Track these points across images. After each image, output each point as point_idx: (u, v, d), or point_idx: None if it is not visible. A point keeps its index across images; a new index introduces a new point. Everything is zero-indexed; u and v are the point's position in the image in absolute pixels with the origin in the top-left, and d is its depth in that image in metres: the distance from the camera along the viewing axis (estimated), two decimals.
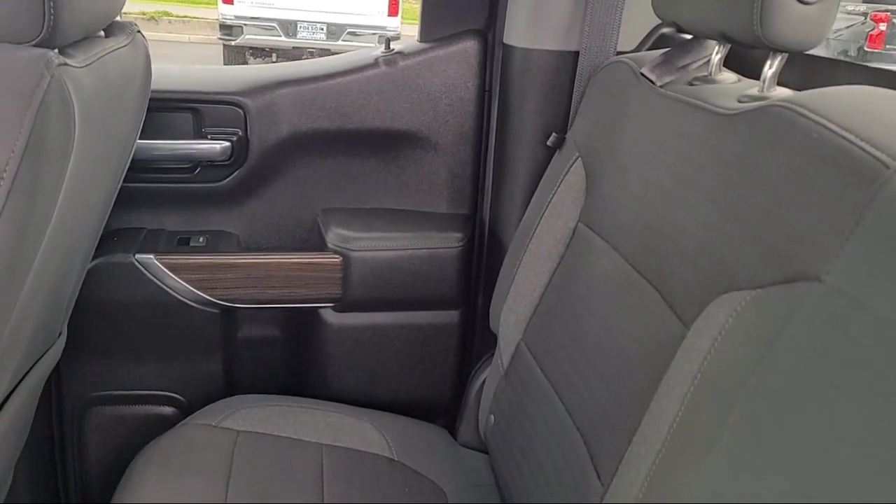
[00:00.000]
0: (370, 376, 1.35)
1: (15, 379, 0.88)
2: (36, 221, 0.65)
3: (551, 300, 1.10)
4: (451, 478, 1.18)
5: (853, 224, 0.58)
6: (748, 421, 0.62)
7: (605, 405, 0.87)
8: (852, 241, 0.57)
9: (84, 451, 1.33)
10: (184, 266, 1.24)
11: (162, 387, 1.31)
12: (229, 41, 7.60)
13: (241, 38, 7.54)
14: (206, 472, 1.05)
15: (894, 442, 0.49)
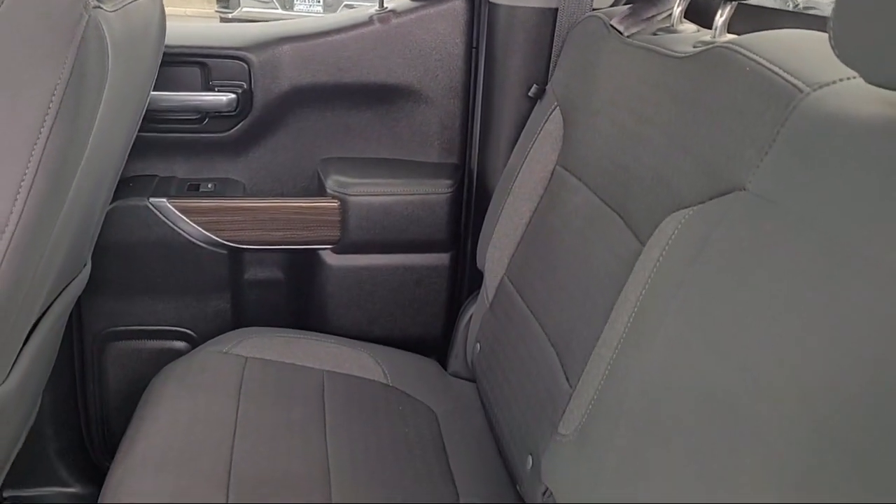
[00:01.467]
0: (367, 314, 1.46)
1: (48, 300, 0.99)
2: (76, 147, 0.76)
3: (531, 236, 1.21)
4: (441, 401, 1.29)
5: (771, 139, 0.68)
6: (685, 312, 0.73)
7: (574, 320, 0.98)
8: (770, 153, 0.68)
9: (103, 382, 1.44)
10: (194, 209, 1.34)
11: (174, 322, 1.42)
12: (226, 14, 7.62)
13: (237, 10, 7.56)
14: (218, 390, 1.16)
15: (806, 320, 0.59)
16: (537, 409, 1.01)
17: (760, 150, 0.69)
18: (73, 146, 0.74)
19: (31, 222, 0.72)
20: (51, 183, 0.72)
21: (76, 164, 0.77)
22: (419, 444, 1.16)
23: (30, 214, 0.70)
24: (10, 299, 0.75)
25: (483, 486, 1.09)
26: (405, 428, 1.19)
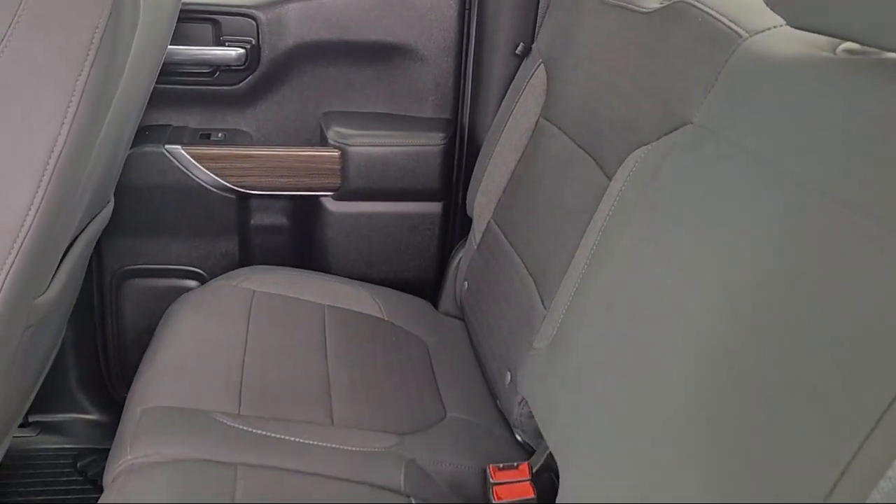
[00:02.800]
0: (364, 257, 1.57)
1: (80, 227, 1.10)
2: (112, 80, 0.86)
3: (515, 182, 1.32)
4: (432, 334, 1.41)
5: (714, 78, 0.79)
6: (638, 231, 0.85)
7: (550, 251, 1.10)
8: (713, 91, 0.79)
9: (120, 317, 1.56)
10: (205, 156, 1.45)
11: (186, 262, 1.54)
12: None
13: None
14: (229, 316, 1.28)
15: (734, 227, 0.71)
16: (516, 331, 1.13)
17: (705, 88, 0.81)
18: (110, 80, 0.85)
19: (75, 148, 0.82)
20: (91, 113, 0.83)
21: (111, 97, 0.88)
22: (410, 368, 1.28)
23: (74, 139, 0.81)
24: (54, 217, 0.86)
25: (467, 403, 1.22)
26: (398, 355, 1.31)
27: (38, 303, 0.94)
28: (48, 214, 0.84)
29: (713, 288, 0.69)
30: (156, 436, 0.96)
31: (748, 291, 0.64)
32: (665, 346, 0.73)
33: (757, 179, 0.68)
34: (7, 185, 0.81)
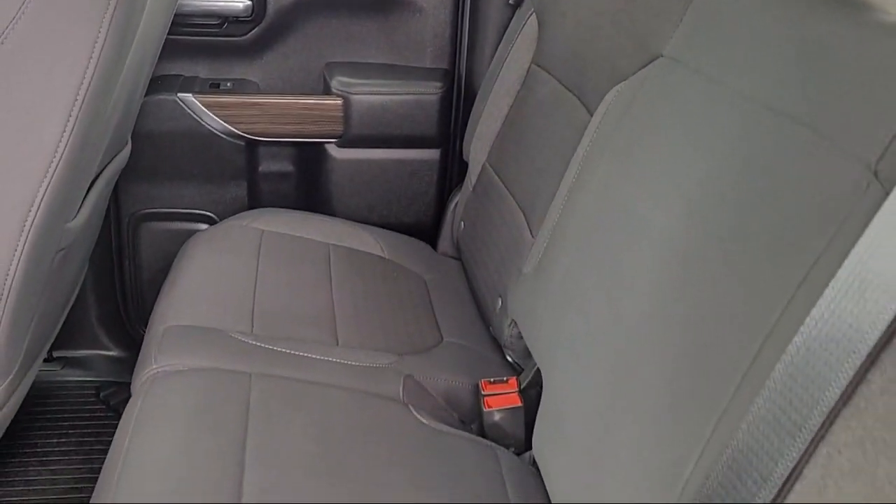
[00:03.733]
0: (367, 201, 1.66)
1: (104, 162, 1.19)
2: (134, 18, 0.94)
3: (508, 126, 1.40)
4: (430, 271, 1.50)
5: (682, 12, 0.87)
6: (613, 158, 0.93)
7: (538, 185, 1.18)
8: (680, 25, 0.87)
9: (136, 259, 1.65)
10: (216, 104, 1.53)
11: (198, 205, 1.62)
12: None
13: None
14: (240, 252, 1.37)
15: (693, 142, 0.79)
16: (507, 260, 1.22)
17: (675, 23, 0.88)
18: (134, 15, 0.93)
19: (101, 81, 0.91)
20: (116, 47, 0.91)
21: (133, 34, 0.96)
22: (410, 300, 1.37)
23: (100, 73, 0.89)
24: (82, 147, 0.95)
25: (463, 330, 1.31)
26: (398, 288, 1.41)
27: (68, 227, 1.03)
28: (77, 144, 0.92)
29: (675, 201, 0.78)
30: (178, 349, 1.05)
31: (702, 200, 0.73)
32: (634, 258, 0.82)
33: (714, 101, 0.76)
34: (41, 117, 0.90)
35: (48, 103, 0.89)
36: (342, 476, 0.87)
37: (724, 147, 0.72)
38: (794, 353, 0.54)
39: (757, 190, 0.65)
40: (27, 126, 0.87)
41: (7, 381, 1.03)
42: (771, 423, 0.54)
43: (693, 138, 0.77)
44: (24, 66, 0.85)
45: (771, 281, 0.60)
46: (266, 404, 0.95)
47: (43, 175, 0.90)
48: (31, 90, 0.87)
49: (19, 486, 1.36)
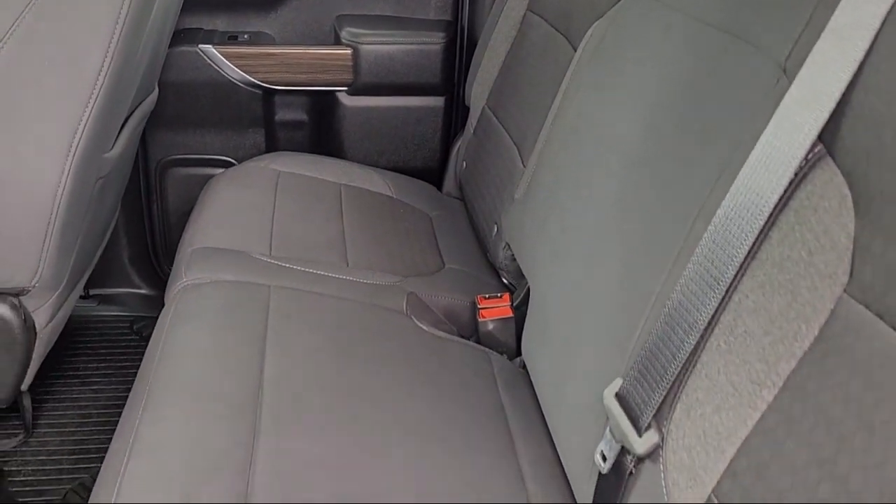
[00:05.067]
0: (376, 146, 1.78)
1: (134, 104, 1.31)
2: None
3: (505, 69, 1.50)
4: (435, 209, 1.62)
5: None
6: (589, 86, 1.03)
7: (529, 120, 1.29)
8: None
9: (163, 202, 1.78)
10: (234, 54, 1.65)
11: (219, 152, 1.75)
12: None
13: None
14: (259, 188, 1.49)
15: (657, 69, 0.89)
16: (501, 190, 1.33)
17: None
18: None
19: (135, 19, 1.02)
20: (142, 5, 1.02)
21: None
22: (414, 233, 1.49)
23: (134, 11, 1.01)
24: (118, 81, 1.07)
25: (463, 258, 1.43)
26: (405, 223, 1.52)
27: (106, 157, 1.16)
28: (114, 77, 1.04)
29: (635, 116, 0.88)
30: (205, 266, 1.18)
31: (655, 110, 0.83)
32: (601, 167, 0.93)
33: (670, 26, 0.87)
34: (81, 51, 1.01)
35: (89, 38, 1.01)
36: (349, 367, 1.00)
37: (674, 63, 0.82)
38: (717, 223, 0.65)
39: (694, 93, 0.76)
40: (71, 58, 0.99)
41: (56, 294, 1.16)
42: (697, 282, 0.66)
43: (652, 60, 0.88)
44: (69, 1, 0.97)
45: (702, 166, 0.71)
46: (283, 309, 1.08)
47: (85, 104, 1.02)
48: (74, 24, 0.98)
49: (65, 403, 1.51)
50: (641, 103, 0.87)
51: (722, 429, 0.62)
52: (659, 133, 0.81)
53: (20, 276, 1.09)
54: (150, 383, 0.92)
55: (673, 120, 0.78)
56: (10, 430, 1.40)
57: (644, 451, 0.69)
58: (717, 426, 0.63)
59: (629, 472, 0.72)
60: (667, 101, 0.81)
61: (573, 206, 0.99)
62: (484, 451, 0.93)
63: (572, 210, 0.99)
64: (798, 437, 0.55)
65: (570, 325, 0.93)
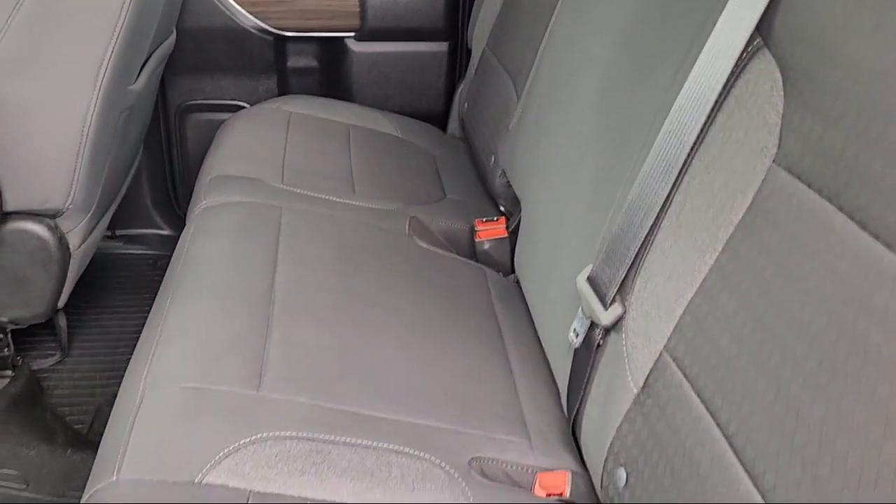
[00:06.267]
0: (383, 91, 1.86)
1: (154, 45, 1.40)
2: None
3: (504, 12, 1.58)
4: (439, 148, 1.70)
5: None
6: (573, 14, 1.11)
7: (525, 54, 1.36)
8: None
9: (183, 147, 1.88)
10: (247, 2, 1.73)
11: (234, 97, 1.84)
12: None
13: None
14: (272, 126, 1.58)
15: None
16: (498, 122, 1.41)
17: None
18: None
19: None
20: None
21: None
22: (418, 168, 1.58)
23: None
24: (139, 18, 1.16)
25: (464, 190, 1.51)
26: (409, 160, 1.61)
27: (130, 90, 1.25)
28: (135, 13, 1.13)
29: (610, 34, 0.96)
30: (222, 190, 1.28)
31: (626, 28, 0.91)
32: (583, 87, 1.01)
33: None
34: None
35: None
36: (354, 275, 1.10)
37: None
38: (671, 117, 0.73)
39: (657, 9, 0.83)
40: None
41: (87, 218, 1.27)
42: (655, 170, 0.74)
43: None
44: None
45: (661, 72, 0.79)
46: (294, 226, 1.17)
47: (110, 37, 1.11)
48: None
49: (96, 330, 1.62)
50: (614, 25, 0.94)
51: (672, 294, 0.71)
52: (628, 49, 0.89)
53: (55, 199, 1.19)
54: (174, 284, 1.02)
55: (638, 36, 0.86)
56: (48, 352, 1.51)
57: (609, 322, 0.78)
58: (668, 292, 0.72)
59: (597, 344, 0.81)
60: (634, 20, 0.89)
61: (559, 127, 1.08)
62: (476, 346, 1.03)
63: (558, 131, 1.08)
64: (730, 290, 0.64)
65: (554, 233, 1.02)
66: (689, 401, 0.65)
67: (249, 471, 0.75)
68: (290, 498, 0.74)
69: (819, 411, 0.52)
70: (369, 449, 0.81)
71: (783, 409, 0.55)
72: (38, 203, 1.19)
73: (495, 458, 0.86)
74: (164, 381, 0.84)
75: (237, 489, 0.73)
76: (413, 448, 0.82)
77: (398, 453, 0.81)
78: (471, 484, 0.81)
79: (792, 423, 0.54)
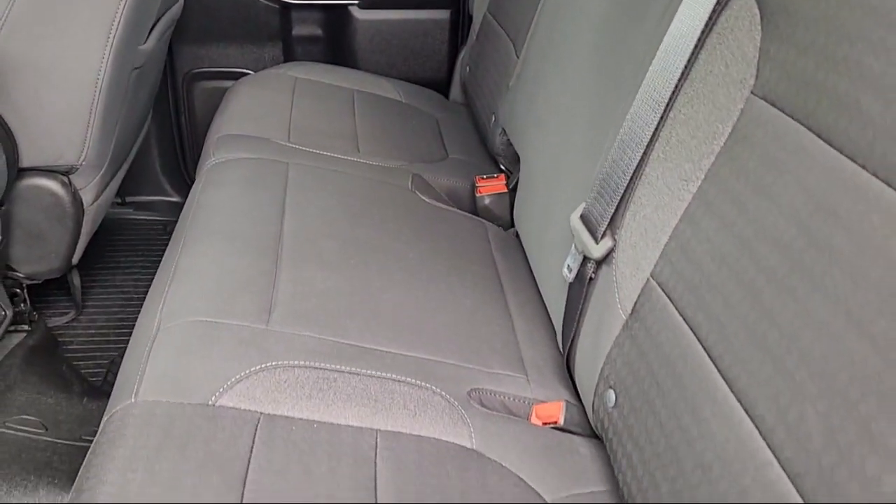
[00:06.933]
0: (387, 58, 1.89)
1: (161, 9, 1.44)
2: None
3: None
4: (440, 112, 1.73)
5: None
6: None
7: (524, 15, 1.39)
8: None
9: (191, 114, 1.92)
10: None
11: (241, 65, 1.87)
12: None
13: None
14: (278, 91, 1.61)
15: None
16: (499, 82, 1.45)
17: None
18: None
19: None
20: None
21: None
22: (421, 130, 1.61)
23: None
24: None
25: (466, 150, 1.55)
26: (413, 123, 1.65)
27: (140, 49, 1.29)
28: None
29: None
30: (230, 147, 1.32)
31: None
32: (578, 39, 1.05)
33: None
34: None
35: None
36: (358, 224, 1.14)
37: None
38: (659, 55, 0.77)
39: None
40: None
41: (100, 175, 1.31)
42: (643, 106, 0.78)
43: None
44: None
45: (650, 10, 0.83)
46: (300, 180, 1.21)
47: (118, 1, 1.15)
48: None
49: (109, 289, 1.67)
50: None
51: (658, 223, 0.75)
52: (614, 6, 0.92)
53: (68, 155, 1.24)
54: (186, 230, 1.06)
55: None
56: (62, 310, 1.56)
57: (600, 255, 0.82)
58: (654, 222, 0.76)
59: (589, 277, 0.85)
60: None
61: (555, 77, 1.11)
62: (476, 291, 1.07)
63: (554, 81, 1.11)
64: (711, 213, 0.68)
65: (550, 179, 1.06)
66: (673, 320, 0.69)
67: (260, 395, 0.80)
68: (298, 420, 0.79)
69: (788, 313, 0.56)
70: (373, 378, 0.85)
71: (757, 315, 0.59)
72: (52, 159, 1.23)
73: (493, 390, 0.90)
74: (179, 315, 0.88)
75: (248, 411, 0.78)
76: (415, 378, 0.87)
77: (401, 382, 0.86)
78: (470, 411, 0.85)
79: (764, 326, 0.58)
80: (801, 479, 0.51)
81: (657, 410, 0.69)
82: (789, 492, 0.52)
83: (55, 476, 1.12)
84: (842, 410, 0.49)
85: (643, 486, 0.68)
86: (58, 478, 1.12)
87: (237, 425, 0.76)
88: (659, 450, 0.66)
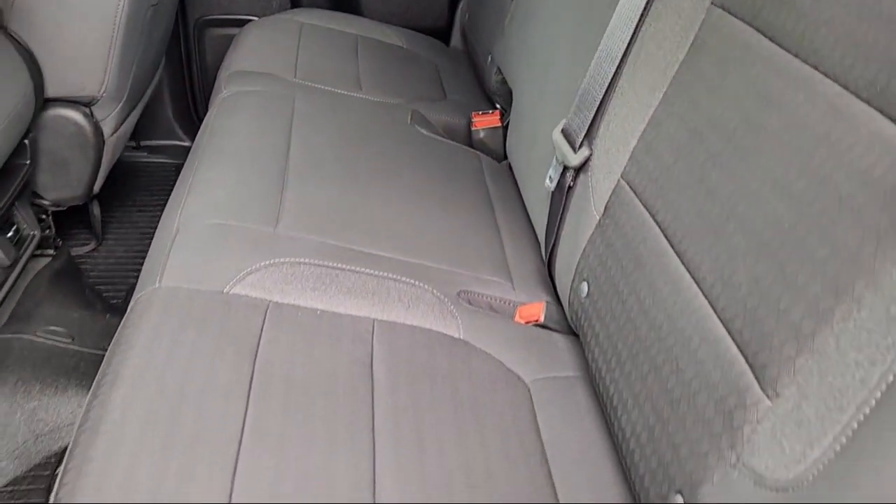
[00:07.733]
0: (388, 8, 1.96)
1: None
2: None
3: None
4: (442, 58, 1.81)
5: None
6: None
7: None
8: None
9: (202, 60, 2.00)
10: None
11: (249, 11, 1.94)
12: None
13: None
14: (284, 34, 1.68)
15: None
16: (495, 25, 1.52)
17: None
18: None
19: None
20: None
21: None
22: (421, 73, 1.69)
23: None
24: None
25: (464, 91, 1.63)
26: (414, 66, 1.72)
27: None
28: None
29: None
30: (242, 81, 1.40)
31: None
32: None
33: None
34: None
35: None
36: (359, 150, 1.22)
37: None
38: None
39: None
40: None
41: (119, 107, 1.39)
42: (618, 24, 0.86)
43: None
44: None
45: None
46: (306, 110, 1.29)
47: None
48: None
49: (126, 224, 1.76)
50: None
51: (629, 129, 0.83)
52: None
53: (90, 86, 1.32)
54: (201, 151, 1.15)
55: None
56: (83, 241, 1.66)
57: (577, 163, 0.90)
58: (625, 129, 0.84)
59: (568, 186, 0.94)
60: None
61: (543, 11, 1.18)
62: (468, 210, 1.16)
63: (542, 15, 1.18)
64: (672, 115, 0.76)
65: (537, 104, 1.14)
66: (638, 211, 0.78)
67: (269, 285, 0.89)
68: (303, 308, 0.88)
69: (728, 189, 0.64)
70: (371, 276, 0.94)
71: (703, 194, 0.67)
72: (75, 90, 1.32)
73: (481, 292, 0.99)
74: (196, 220, 0.97)
75: (259, 298, 0.87)
76: (409, 278, 0.95)
77: (396, 280, 0.95)
78: (459, 308, 0.94)
79: (709, 203, 0.66)
80: (731, 323, 0.60)
81: (620, 290, 0.77)
82: (723, 336, 0.60)
83: (82, 380, 1.22)
84: (765, 259, 0.57)
85: (607, 357, 0.77)
86: (85, 381, 1.22)
87: (249, 309, 0.85)
88: (620, 322, 0.75)
